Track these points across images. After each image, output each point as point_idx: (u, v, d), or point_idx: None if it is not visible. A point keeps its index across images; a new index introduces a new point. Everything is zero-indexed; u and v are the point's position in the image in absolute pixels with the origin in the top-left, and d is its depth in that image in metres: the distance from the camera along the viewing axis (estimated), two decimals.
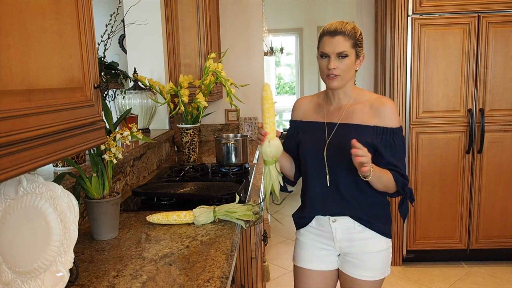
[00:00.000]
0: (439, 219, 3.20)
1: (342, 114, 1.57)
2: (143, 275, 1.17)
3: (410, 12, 3.00)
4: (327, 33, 1.50)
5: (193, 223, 1.56)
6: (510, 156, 3.11)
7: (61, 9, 0.92)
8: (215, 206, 1.59)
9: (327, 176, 1.55)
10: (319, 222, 1.64)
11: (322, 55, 1.52)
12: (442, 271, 3.21)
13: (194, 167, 2.36)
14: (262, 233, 2.20)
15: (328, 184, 1.55)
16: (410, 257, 3.29)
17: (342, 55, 1.49)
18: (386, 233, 1.59)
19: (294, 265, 1.75)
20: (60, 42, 0.91)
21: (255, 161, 2.78)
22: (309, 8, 8.25)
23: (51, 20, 0.88)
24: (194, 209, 1.58)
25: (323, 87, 9.18)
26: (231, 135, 2.67)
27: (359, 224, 1.57)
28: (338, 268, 1.68)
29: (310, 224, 1.66)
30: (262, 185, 1.56)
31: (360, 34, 1.54)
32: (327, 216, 1.60)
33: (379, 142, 1.50)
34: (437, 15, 3.00)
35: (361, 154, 1.33)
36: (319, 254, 1.66)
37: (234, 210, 1.55)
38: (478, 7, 2.96)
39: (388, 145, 1.50)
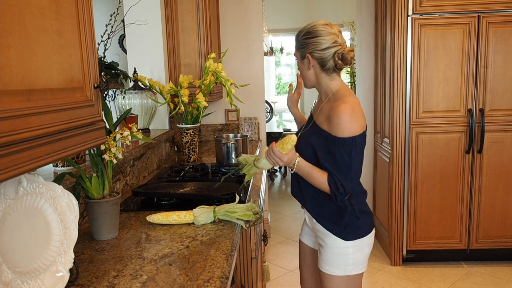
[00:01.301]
0: (439, 219, 3.20)
1: (317, 110, 1.68)
2: (143, 275, 1.17)
3: (410, 12, 3.00)
4: None
5: (193, 223, 1.56)
6: (510, 156, 3.11)
7: (61, 9, 0.92)
8: (215, 206, 1.59)
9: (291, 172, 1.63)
10: None
11: None
12: (442, 271, 3.21)
13: (194, 167, 2.36)
14: (262, 233, 2.20)
15: (292, 171, 1.60)
16: (410, 257, 3.29)
17: (296, 58, 1.65)
18: (337, 234, 1.61)
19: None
20: (60, 42, 0.91)
21: None
22: (309, 8, 8.25)
23: (51, 20, 0.88)
24: (194, 209, 1.58)
25: None
26: (231, 135, 2.67)
27: (317, 221, 1.67)
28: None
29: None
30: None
31: (303, 36, 1.57)
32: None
33: (321, 147, 1.54)
34: (437, 15, 3.00)
35: (272, 156, 1.50)
36: (307, 231, 1.88)
37: (234, 210, 1.55)
38: (478, 7, 2.96)
39: (329, 151, 1.52)
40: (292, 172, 1.58)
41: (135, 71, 2.62)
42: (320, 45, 1.53)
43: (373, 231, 1.69)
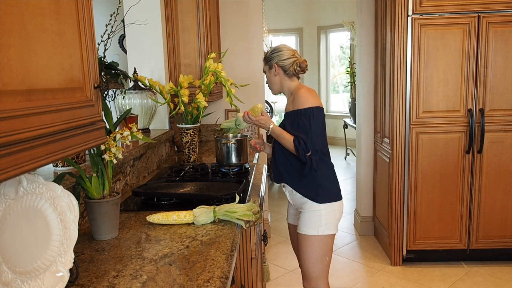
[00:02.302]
0: (439, 219, 3.20)
1: (288, 107, 2.14)
2: (143, 275, 1.17)
3: (410, 12, 3.00)
4: None
5: (193, 223, 1.56)
6: (510, 156, 3.11)
7: (61, 9, 0.92)
8: (215, 206, 1.59)
9: (272, 151, 2.20)
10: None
11: None
12: (442, 271, 3.21)
13: (194, 167, 2.36)
14: (262, 233, 2.20)
15: (269, 156, 2.26)
16: (410, 257, 3.29)
17: (265, 72, 2.19)
18: (312, 197, 2.04)
19: None
20: (60, 42, 0.91)
21: (255, 161, 2.78)
22: (309, 8, 8.25)
23: (51, 20, 0.88)
24: (194, 209, 1.58)
25: (322, 86, 9.16)
26: (231, 135, 2.66)
27: (292, 189, 2.10)
28: None
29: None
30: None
31: (271, 52, 2.13)
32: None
33: (290, 123, 2.03)
34: (437, 15, 3.00)
35: (247, 120, 2.08)
36: (291, 211, 2.29)
37: (234, 210, 1.55)
38: (478, 7, 2.96)
39: (294, 123, 2.01)
40: (268, 134, 2.08)
41: (135, 71, 2.61)
42: (283, 56, 2.09)
43: (342, 201, 2.12)
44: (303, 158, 1.97)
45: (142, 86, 2.58)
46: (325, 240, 2.07)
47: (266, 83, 2.22)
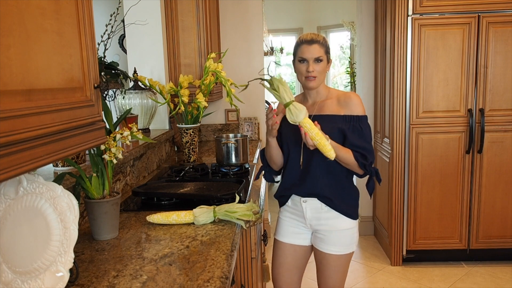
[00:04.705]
0: (439, 219, 3.20)
1: (315, 108, 1.83)
2: (143, 275, 1.17)
3: (410, 12, 3.00)
4: (305, 42, 1.77)
5: (193, 223, 1.56)
6: (510, 156, 3.11)
7: (61, 9, 0.92)
8: (215, 206, 1.59)
9: (301, 160, 1.80)
10: (294, 201, 1.90)
11: (301, 60, 1.78)
12: (442, 271, 3.21)
13: (194, 167, 2.36)
14: (262, 233, 2.20)
15: (301, 167, 1.81)
16: (410, 257, 3.29)
17: (318, 60, 1.76)
18: (350, 214, 1.83)
19: (275, 240, 2.00)
20: (60, 42, 0.91)
21: (255, 161, 2.78)
22: (309, 8, 8.24)
23: (51, 20, 0.87)
24: (194, 209, 1.58)
25: None
26: (231, 135, 2.67)
27: (325, 205, 1.81)
28: (312, 245, 1.93)
29: (287, 203, 1.93)
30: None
31: (326, 41, 1.82)
32: (299, 197, 1.86)
33: (347, 128, 1.76)
34: (437, 15, 3.00)
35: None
36: (293, 230, 1.93)
37: (234, 210, 1.55)
38: (478, 7, 2.96)
39: (355, 130, 1.76)
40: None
41: (135, 71, 2.61)
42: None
43: None
44: (368, 171, 1.76)
45: (142, 86, 2.58)
46: (351, 255, 1.92)
47: (307, 71, 1.76)
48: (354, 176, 1.86)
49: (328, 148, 1.62)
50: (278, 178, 2.01)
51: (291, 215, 1.92)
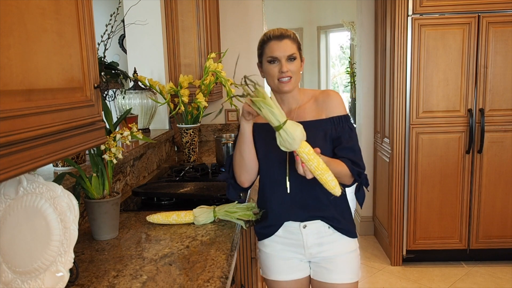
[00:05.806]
0: (439, 219, 3.20)
1: (294, 116, 1.50)
2: (143, 275, 1.17)
3: (410, 12, 3.00)
4: (273, 38, 1.48)
5: (193, 223, 1.56)
6: (510, 156, 3.11)
7: (61, 9, 0.92)
8: (215, 206, 1.59)
9: (287, 182, 1.41)
10: (287, 229, 1.54)
11: (271, 60, 1.48)
12: (442, 271, 3.21)
13: (194, 167, 2.36)
14: None
15: (288, 191, 1.42)
16: (410, 257, 3.29)
17: (292, 58, 1.46)
18: (352, 232, 1.56)
19: (265, 279, 1.65)
20: (60, 42, 0.91)
21: None
22: (309, 8, 8.24)
23: (51, 20, 0.87)
24: (194, 209, 1.58)
25: (323, 86, 9.17)
26: (231, 135, 2.66)
27: (329, 226, 1.51)
28: (310, 276, 1.61)
29: (276, 233, 1.56)
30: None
31: (299, 39, 1.54)
32: (297, 223, 1.52)
33: (335, 130, 1.48)
34: (437, 15, 3.00)
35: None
36: (289, 263, 1.58)
37: (234, 210, 1.55)
38: (478, 7, 2.96)
39: (345, 131, 1.49)
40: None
41: (135, 71, 2.61)
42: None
43: None
44: (359, 180, 1.48)
45: (142, 86, 2.58)
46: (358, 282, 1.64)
47: (281, 72, 1.47)
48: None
49: (332, 184, 1.31)
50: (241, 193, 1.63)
51: (283, 246, 1.56)
